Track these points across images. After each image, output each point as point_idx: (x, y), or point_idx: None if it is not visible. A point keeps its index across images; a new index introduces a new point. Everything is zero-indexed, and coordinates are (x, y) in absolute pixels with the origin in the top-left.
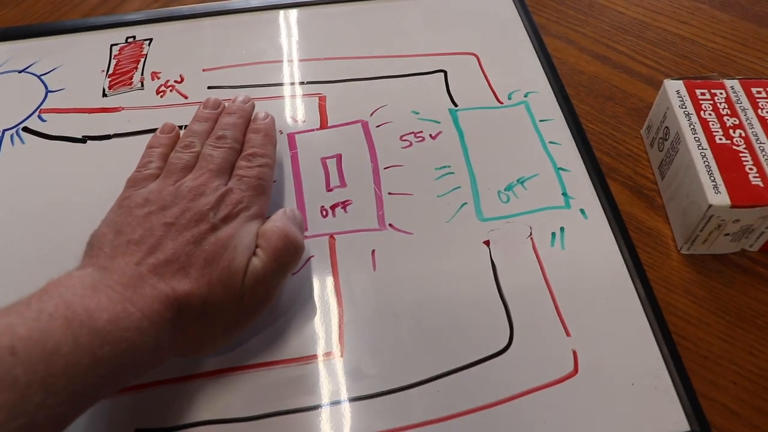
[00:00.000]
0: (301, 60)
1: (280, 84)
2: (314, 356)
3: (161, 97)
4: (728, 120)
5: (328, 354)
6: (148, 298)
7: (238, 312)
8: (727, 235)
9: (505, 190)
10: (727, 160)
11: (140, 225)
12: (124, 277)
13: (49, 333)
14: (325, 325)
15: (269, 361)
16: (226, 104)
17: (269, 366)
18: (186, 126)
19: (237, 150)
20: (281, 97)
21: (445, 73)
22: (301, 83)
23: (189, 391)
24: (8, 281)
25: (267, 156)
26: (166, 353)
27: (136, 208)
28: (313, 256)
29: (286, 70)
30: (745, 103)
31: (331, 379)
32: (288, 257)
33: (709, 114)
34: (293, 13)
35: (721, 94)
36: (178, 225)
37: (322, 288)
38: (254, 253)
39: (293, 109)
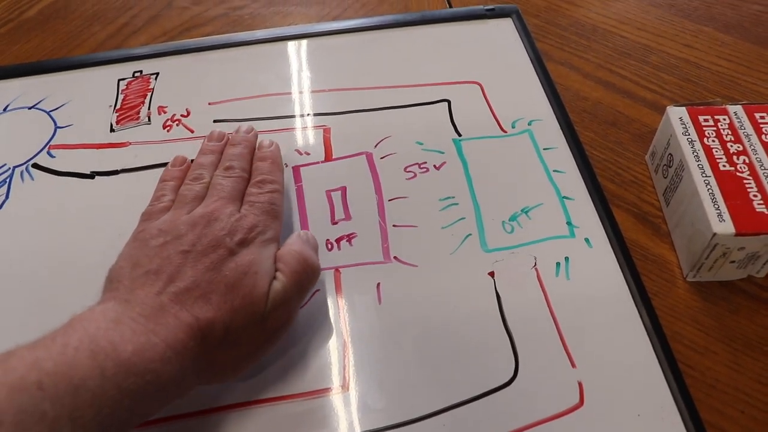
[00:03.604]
0: (305, 92)
1: (285, 117)
2: (320, 391)
3: (168, 131)
4: (732, 146)
5: (334, 389)
6: (171, 328)
7: (261, 336)
8: (733, 262)
9: (509, 220)
10: (731, 188)
11: (157, 255)
12: (146, 309)
13: (75, 367)
14: (331, 359)
15: (275, 397)
16: (231, 136)
17: (275, 402)
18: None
19: (245, 179)
20: (286, 129)
21: (449, 102)
22: (306, 115)
23: (196, 427)
24: (20, 317)
25: (276, 182)
26: (191, 382)
27: (151, 239)
28: (318, 290)
29: (292, 103)
30: (749, 128)
31: (338, 414)
32: (306, 279)
33: (713, 141)
34: (297, 45)
35: (724, 120)
36: (195, 252)
37: (328, 322)
38: (274, 277)
39: (298, 141)
